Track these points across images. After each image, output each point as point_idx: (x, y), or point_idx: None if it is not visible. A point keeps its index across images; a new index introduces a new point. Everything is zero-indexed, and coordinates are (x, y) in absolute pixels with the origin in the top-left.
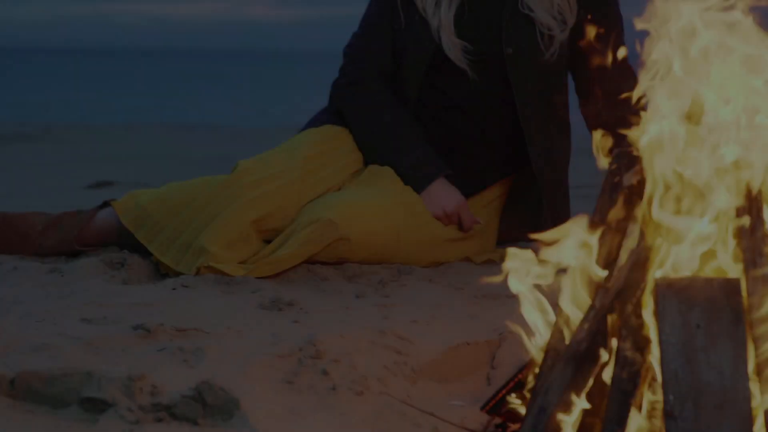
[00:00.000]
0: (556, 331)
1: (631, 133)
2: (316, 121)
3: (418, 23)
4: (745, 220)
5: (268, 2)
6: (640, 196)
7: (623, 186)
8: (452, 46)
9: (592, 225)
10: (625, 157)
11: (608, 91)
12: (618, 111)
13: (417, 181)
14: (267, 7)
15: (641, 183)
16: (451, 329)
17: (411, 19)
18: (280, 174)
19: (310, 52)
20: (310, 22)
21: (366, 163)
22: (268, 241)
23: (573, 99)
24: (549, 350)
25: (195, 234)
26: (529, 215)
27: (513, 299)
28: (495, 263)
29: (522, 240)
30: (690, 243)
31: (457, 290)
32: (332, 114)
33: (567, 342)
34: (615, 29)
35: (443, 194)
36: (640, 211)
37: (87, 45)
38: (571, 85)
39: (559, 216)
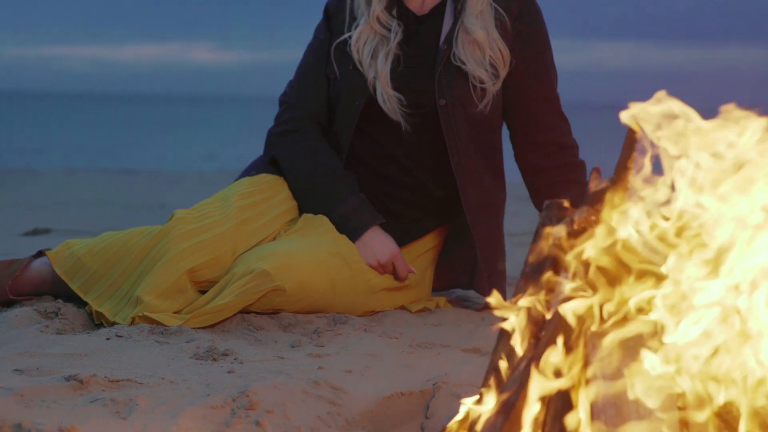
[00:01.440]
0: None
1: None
2: (251, 170)
3: (352, 73)
4: None
5: (211, 47)
6: (570, 248)
7: (554, 236)
8: (387, 98)
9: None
10: (556, 208)
11: (542, 140)
12: (552, 160)
13: (351, 231)
14: (210, 51)
15: (571, 233)
16: (385, 379)
17: (345, 69)
18: (215, 224)
19: (254, 97)
20: (253, 67)
21: (301, 212)
22: (203, 291)
23: (508, 147)
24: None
25: (130, 284)
26: (464, 264)
27: (448, 349)
28: (431, 312)
29: (457, 287)
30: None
31: (392, 339)
32: (267, 163)
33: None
34: (548, 79)
35: (377, 243)
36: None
37: (28, 88)
38: (505, 133)
39: (493, 266)
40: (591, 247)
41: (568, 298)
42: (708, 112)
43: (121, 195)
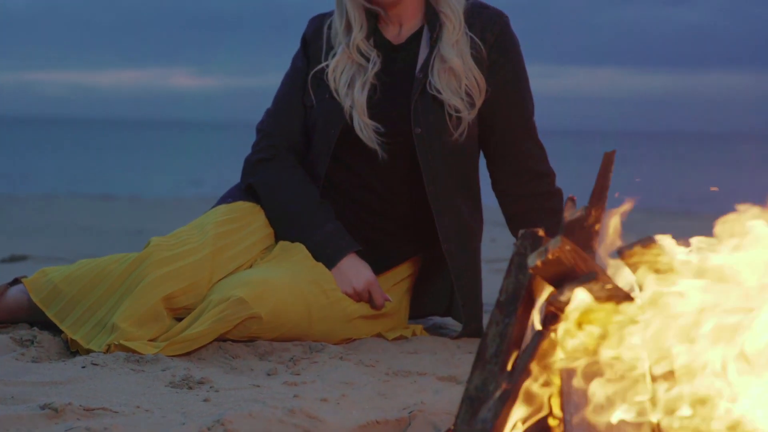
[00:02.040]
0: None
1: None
2: (228, 198)
3: (328, 102)
4: None
5: (190, 72)
6: (545, 277)
7: (528, 266)
8: (364, 127)
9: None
10: (531, 237)
11: (518, 168)
12: (528, 188)
13: (327, 258)
14: (190, 77)
15: (546, 264)
16: (361, 407)
17: (321, 98)
18: (192, 251)
19: (233, 122)
20: (233, 93)
21: (277, 240)
22: (179, 319)
23: (486, 174)
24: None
25: (106, 312)
26: (441, 292)
27: (424, 377)
28: (407, 339)
29: (434, 315)
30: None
31: (369, 367)
32: (244, 190)
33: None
34: (524, 107)
35: (353, 271)
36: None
37: (8, 113)
38: (482, 160)
39: (469, 295)
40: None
41: (545, 328)
42: (690, 137)
43: (100, 221)
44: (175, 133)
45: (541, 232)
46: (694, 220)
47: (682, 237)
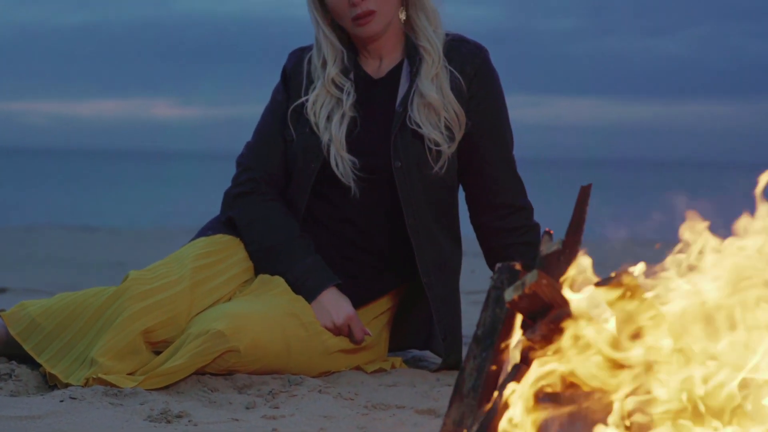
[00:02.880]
0: None
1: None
2: (207, 230)
3: (308, 136)
4: None
5: (172, 103)
6: (522, 311)
7: (505, 300)
8: (341, 162)
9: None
10: (507, 271)
11: (497, 202)
12: (506, 222)
13: (307, 292)
14: (171, 107)
15: (523, 298)
16: None
17: (301, 132)
18: (170, 284)
19: (215, 153)
20: (214, 123)
21: (257, 273)
22: (158, 352)
23: (465, 207)
24: None
25: (85, 346)
26: (420, 325)
27: (403, 410)
28: (386, 372)
29: (413, 348)
30: None
31: (348, 400)
32: (223, 223)
33: None
34: (504, 141)
35: (333, 305)
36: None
37: None
38: (462, 194)
39: (449, 328)
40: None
41: (522, 364)
42: (671, 166)
43: (80, 253)
44: (157, 163)
45: (518, 266)
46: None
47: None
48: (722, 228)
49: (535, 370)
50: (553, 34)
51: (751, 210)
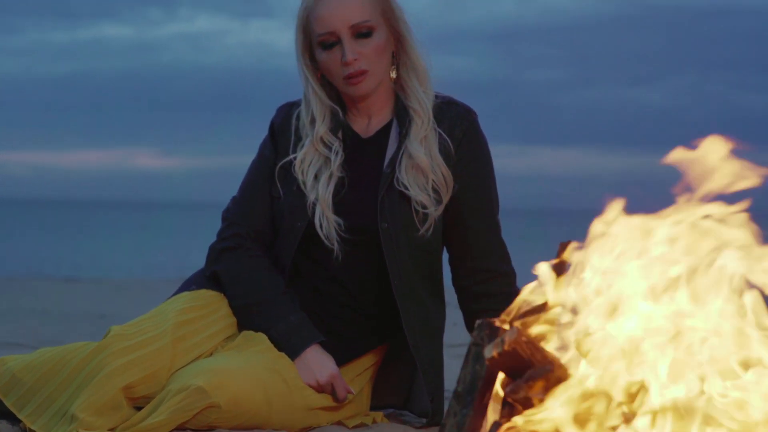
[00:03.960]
0: None
1: None
2: (190, 285)
3: (295, 194)
4: None
5: (154, 153)
6: (502, 368)
7: (485, 357)
8: (326, 223)
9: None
10: (487, 328)
11: (479, 266)
12: (487, 286)
13: (291, 348)
14: (154, 157)
15: (502, 355)
16: None
17: (289, 190)
18: (152, 340)
19: (197, 203)
20: (196, 173)
21: (241, 329)
22: (138, 408)
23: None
24: None
25: (65, 401)
26: (400, 384)
27: None
28: (368, 427)
29: (394, 406)
30: None
31: None
32: (207, 278)
33: None
34: (489, 206)
35: (316, 363)
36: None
37: None
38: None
39: (436, 388)
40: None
41: (501, 420)
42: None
43: (62, 305)
44: (139, 213)
45: (497, 323)
46: None
47: None
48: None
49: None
50: (536, 85)
51: None
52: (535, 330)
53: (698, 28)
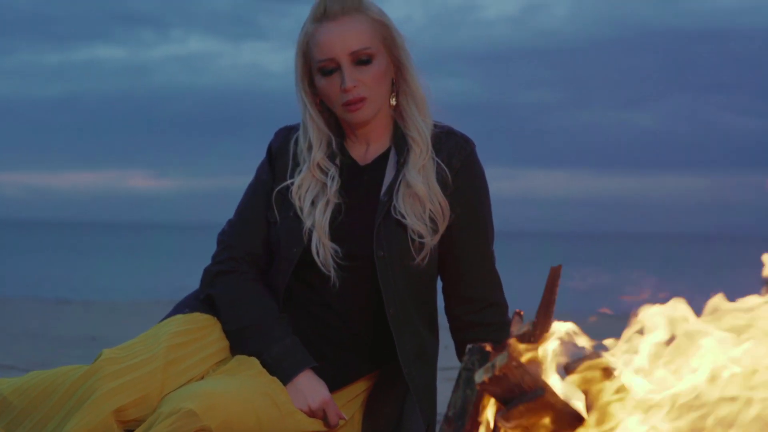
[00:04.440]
0: None
1: None
2: (183, 308)
3: (292, 220)
4: None
5: (147, 174)
6: (493, 393)
7: (476, 382)
8: (322, 250)
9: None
10: (478, 353)
11: (472, 296)
12: (479, 316)
13: (283, 373)
14: (147, 179)
15: (493, 380)
16: None
17: (285, 216)
18: (143, 363)
19: (190, 224)
20: (189, 194)
21: (233, 353)
22: (129, 431)
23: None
24: None
25: (56, 425)
26: (394, 408)
27: None
28: None
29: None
30: None
31: None
32: (201, 301)
33: None
34: (484, 236)
35: (309, 388)
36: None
37: None
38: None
39: (431, 416)
40: None
41: None
42: (645, 238)
43: (53, 327)
44: (132, 235)
45: (488, 348)
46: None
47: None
48: (692, 301)
49: None
50: (528, 107)
51: (722, 286)
52: (527, 355)
53: (691, 51)
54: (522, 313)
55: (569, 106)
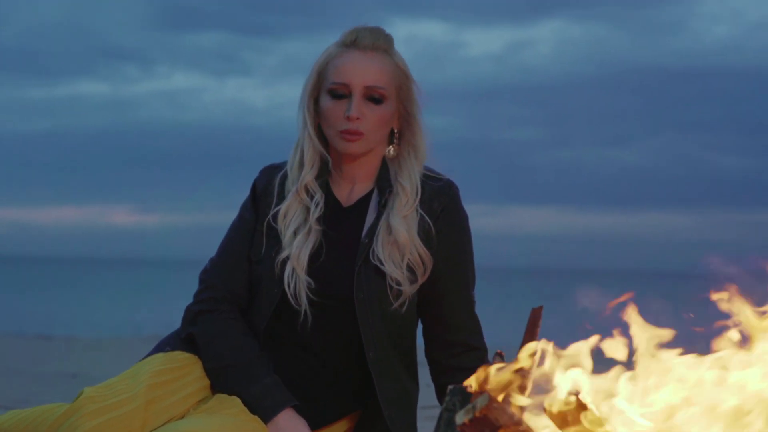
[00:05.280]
0: None
1: None
2: (165, 346)
3: (274, 260)
4: None
5: (130, 210)
6: None
7: (456, 423)
8: (293, 281)
9: None
10: (459, 394)
11: (451, 340)
12: (458, 360)
13: (264, 412)
14: (130, 214)
15: (474, 421)
16: None
17: (267, 255)
18: (124, 402)
19: (173, 260)
20: (172, 230)
21: (214, 392)
22: None
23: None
24: None
25: None
26: None
27: None
28: None
29: None
30: None
31: None
32: (183, 339)
33: None
34: (465, 280)
35: (289, 427)
36: None
37: None
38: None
39: None
40: None
41: None
42: (628, 275)
43: (34, 363)
44: (115, 270)
45: (469, 389)
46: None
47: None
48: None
49: None
50: (512, 144)
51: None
52: (503, 394)
53: (675, 89)
54: (503, 353)
55: (553, 143)
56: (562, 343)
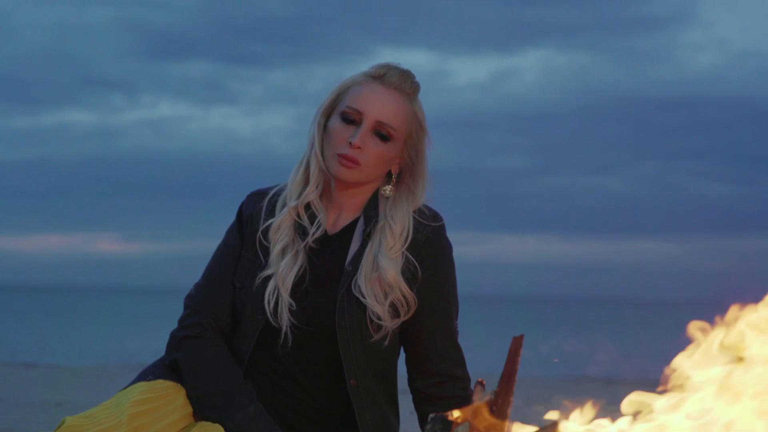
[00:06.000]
0: None
1: None
2: (147, 375)
3: (258, 288)
4: None
5: (116, 238)
6: None
7: None
8: (274, 300)
9: None
10: (440, 422)
11: (434, 370)
12: (441, 390)
13: None
14: (115, 242)
15: None
16: None
17: (251, 281)
18: (106, 431)
19: (158, 288)
20: (158, 258)
21: (197, 419)
22: None
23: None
24: None
25: None
26: None
27: None
28: None
29: None
30: None
31: None
32: (166, 367)
33: None
34: (447, 311)
35: None
36: None
37: None
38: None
39: None
40: None
41: None
42: (612, 303)
43: (18, 392)
44: (100, 298)
45: (450, 417)
46: (618, 385)
47: (607, 406)
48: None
49: None
50: (498, 173)
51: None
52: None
53: (661, 117)
54: (484, 382)
55: (539, 171)
56: (550, 373)
